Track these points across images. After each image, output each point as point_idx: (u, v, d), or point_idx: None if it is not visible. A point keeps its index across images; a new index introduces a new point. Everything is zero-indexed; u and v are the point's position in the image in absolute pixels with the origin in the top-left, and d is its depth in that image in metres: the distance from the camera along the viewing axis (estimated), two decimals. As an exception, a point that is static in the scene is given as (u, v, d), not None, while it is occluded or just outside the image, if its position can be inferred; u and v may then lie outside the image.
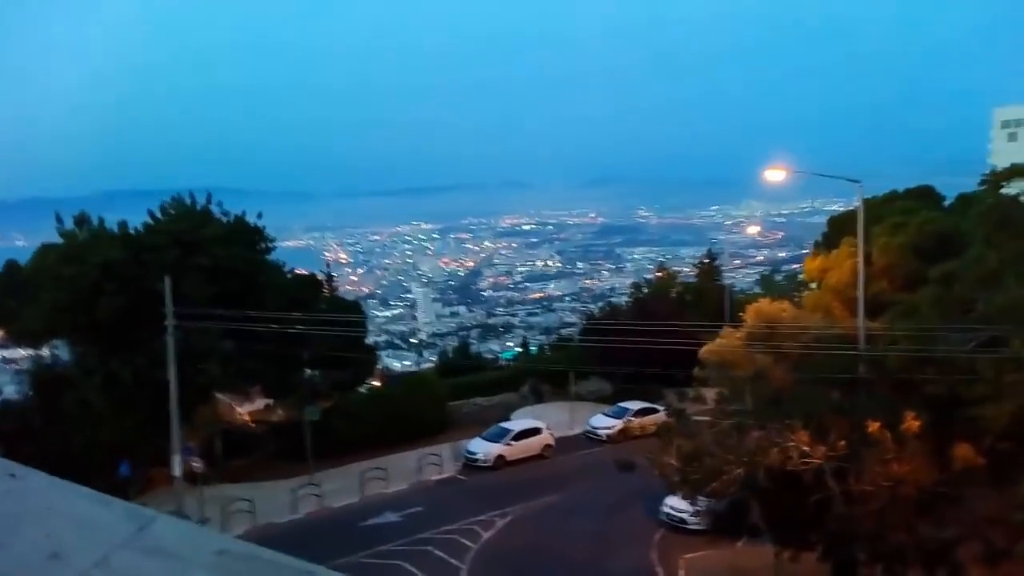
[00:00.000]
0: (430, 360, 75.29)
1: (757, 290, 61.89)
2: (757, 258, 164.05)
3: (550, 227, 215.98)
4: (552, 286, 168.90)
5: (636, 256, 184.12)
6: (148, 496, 28.70)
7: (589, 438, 34.61)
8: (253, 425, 34.00)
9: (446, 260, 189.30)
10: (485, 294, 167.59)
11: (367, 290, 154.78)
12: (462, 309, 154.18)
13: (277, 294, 30.90)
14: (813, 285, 35.23)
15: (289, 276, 33.62)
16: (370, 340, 40.98)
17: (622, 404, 35.88)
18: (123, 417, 26.77)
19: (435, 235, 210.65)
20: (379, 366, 42.20)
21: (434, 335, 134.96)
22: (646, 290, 50.46)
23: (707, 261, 55.61)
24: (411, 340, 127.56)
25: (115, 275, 26.85)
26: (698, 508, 23.96)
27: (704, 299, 47.23)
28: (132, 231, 29.27)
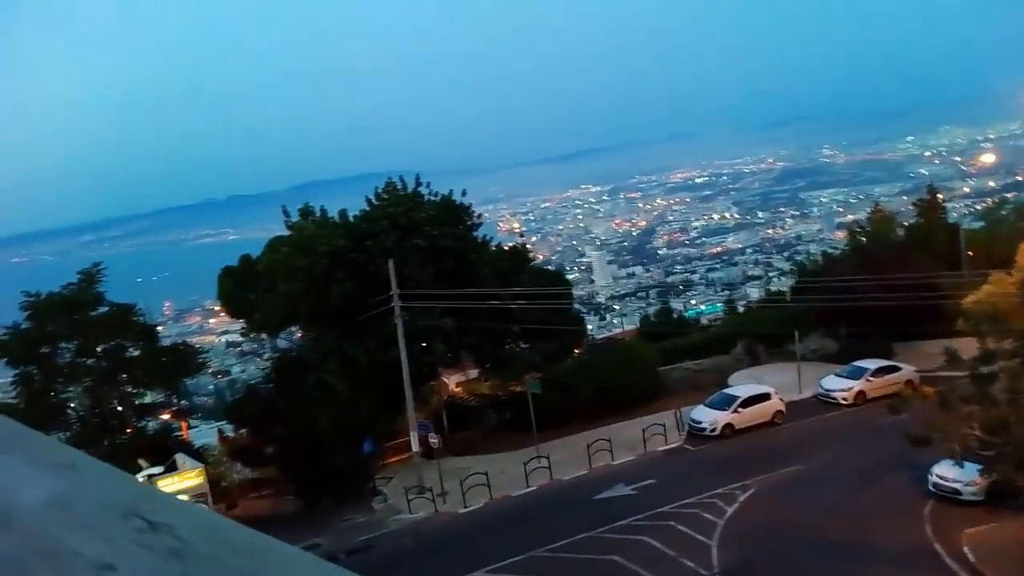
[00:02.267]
0: (626, 325, 74.05)
1: (977, 225, 54.59)
2: (963, 189, 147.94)
3: (724, 177, 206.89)
4: (731, 239, 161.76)
5: (823, 199, 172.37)
6: (389, 471, 30.10)
7: (823, 401, 32.11)
8: (473, 399, 34.63)
9: (618, 221, 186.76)
10: (660, 252, 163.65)
11: (542, 256, 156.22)
12: (638, 269, 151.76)
13: (487, 269, 31.06)
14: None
15: (495, 250, 33.67)
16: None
17: (857, 363, 32.93)
18: (360, 397, 27.96)
19: (605, 197, 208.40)
20: (590, 335, 41.74)
21: (612, 297, 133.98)
22: (862, 237, 46.11)
23: (929, 197, 49.76)
24: (595, 303, 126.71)
25: (343, 262, 27.96)
26: (973, 477, 21.47)
27: (931, 241, 42.50)
28: (351, 219, 30.38)
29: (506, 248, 35.24)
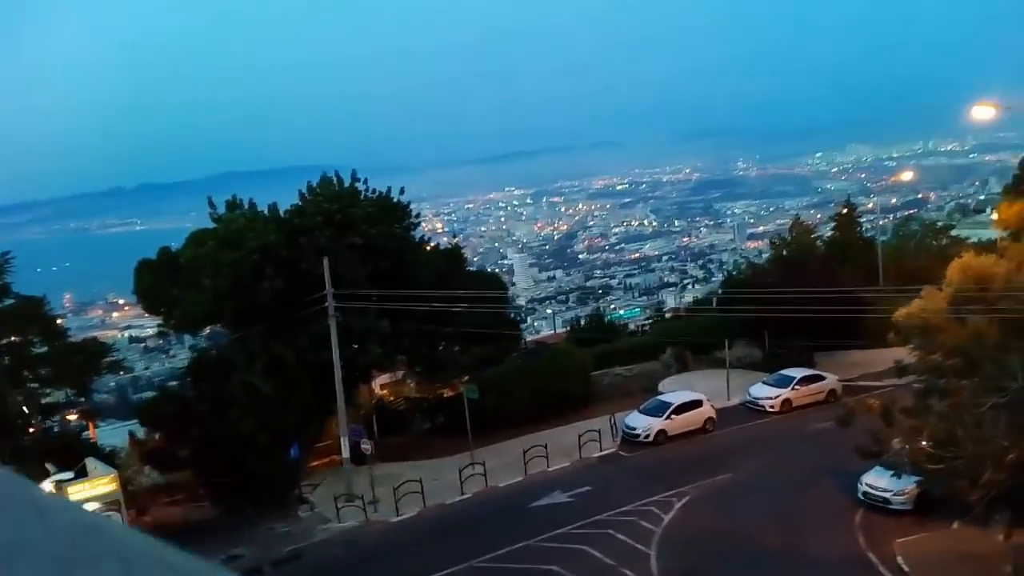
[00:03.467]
0: (549, 329, 74.24)
1: (883, 239, 57.07)
2: (868, 205, 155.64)
3: (644, 186, 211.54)
4: (649, 246, 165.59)
5: (736, 210, 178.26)
6: (316, 477, 28.87)
7: (750, 409, 32.70)
8: (403, 402, 33.73)
9: (540, 224, 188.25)
10: (581, 257, 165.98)
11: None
12: (559, 273, 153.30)
13: (424, 270, 30.27)
14: (1003, 233, 31.93)
15: (431, 250, 32.89)
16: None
17: (783, 372, 33.71)
18: (288, 399, 26.71)
19: (528, 200, 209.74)
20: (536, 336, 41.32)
21: (532, 300, 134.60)
22: (783, 249, 47.47)
23: (847, 211, 51.65)
24: (516, 306, 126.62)
25: (273, 259, 26.65)
26: (903, 487, 22.11)
27: (849, 254, 44.12)
28: (283, 213, 29.04)
29: (441, 249, 34.49)
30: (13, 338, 26.78)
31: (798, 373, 33.49)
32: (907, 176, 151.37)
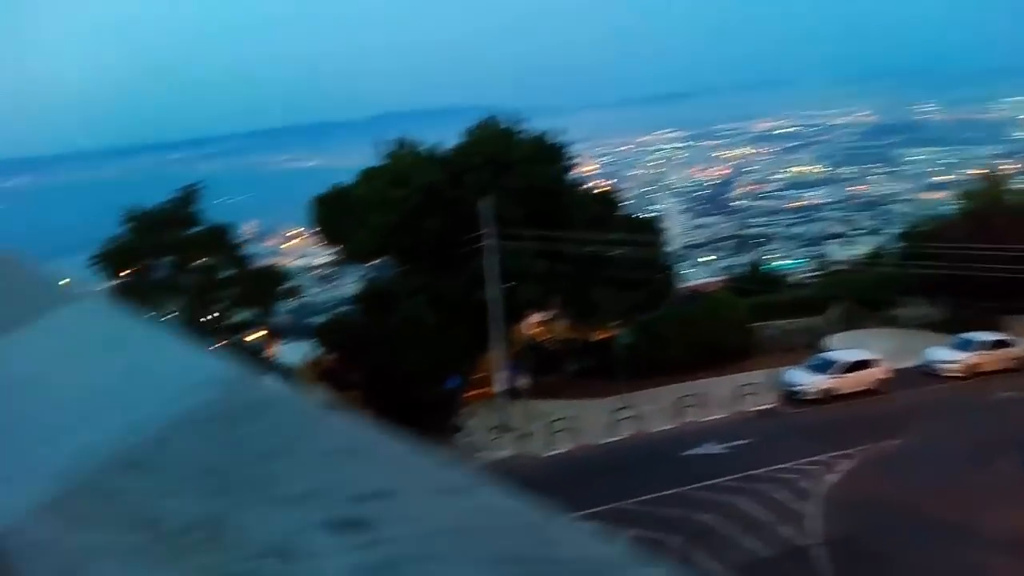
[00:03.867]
0: (702, 278, 72.32)
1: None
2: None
3: (812, 129, 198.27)
4: (813, 193, 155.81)
5: (919, 157, 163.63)
6: (471, 408, 30.00)
7: (927, 373, 30.42)
8: (556, 343, 34.13)
9: (695, 169, 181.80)
10: (738, 204, 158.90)
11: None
12: (713, 220, 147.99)
13: (579, 212, 30.08)
14: None
15: (587, 193, 32.60)
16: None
17: (968, 335, 30.99)
18: (448, 333, 27.68)
19: (683, 143, 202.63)
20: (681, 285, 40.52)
21: (684, 247, 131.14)
22: (971, 200, 43.01)
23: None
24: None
25: (437, 197, 27.38)
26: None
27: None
28: (445, 153, 29.68)
29: (596, 192, 34.08)
30: (202, 262, 29.26)
31: (984, 337, 30.72)
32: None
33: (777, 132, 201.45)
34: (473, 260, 27.26)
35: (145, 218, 27.80)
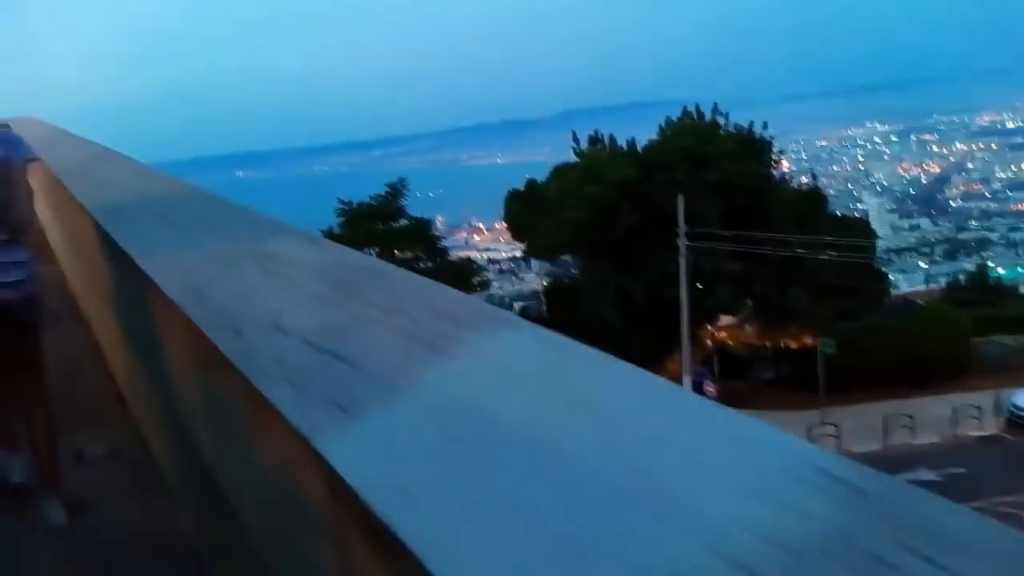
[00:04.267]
0: (910, 285, 66.71)
1: None
2: None
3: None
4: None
5: None
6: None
7: None
8: (745, 348, 32.71)
9: (905, 165, 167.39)
10: (953, 204, 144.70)
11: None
12: (924, 222, 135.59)
13: (781, 212, 28.52)
14: None
15: (790, 191, 30.86)
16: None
17: None
18: (633, 333, 27.33)
19: (893, 137, 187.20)
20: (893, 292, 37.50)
21: (890, 251, 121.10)
22: None
23: None
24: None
25: (630, 193, 27.08)
26: None
27: None
28: (640, 148, 29.27)
29: (801, 190, 32.18)
30: (408, 253, 30.93)
31: None
32: None
33: (1001, 126, 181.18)
34: (664, 259, 26.68)
35: (358, 211, 29.86)
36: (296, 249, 2.10)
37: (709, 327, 33.59)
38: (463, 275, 31.41)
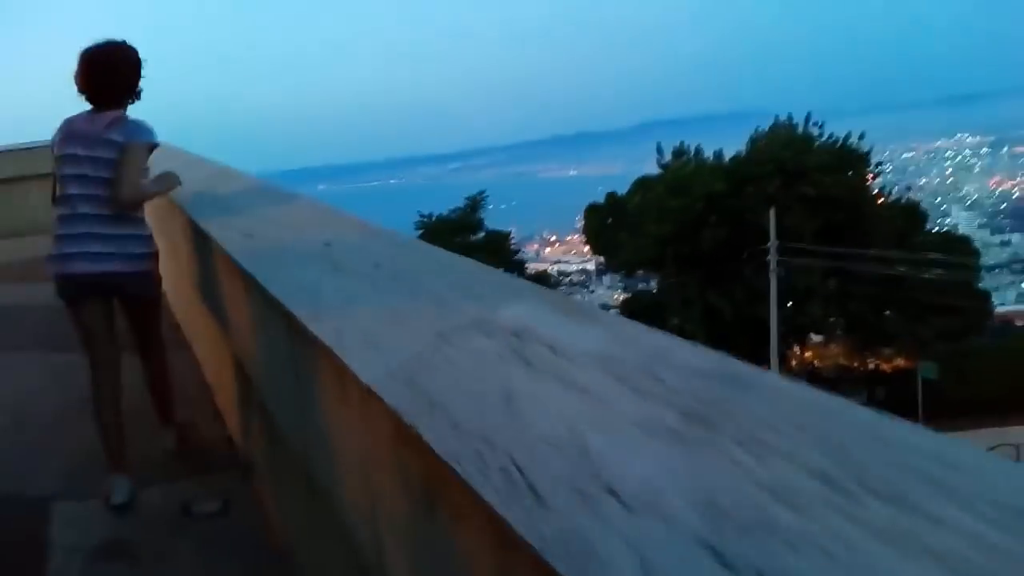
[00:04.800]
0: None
1: None
2: None
3: None
4: None
5: None
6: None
7: None
8: (835, 369, 31.25)
9: (997, 179, 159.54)
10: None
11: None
12: (1016, 237, 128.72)
13: (879, 227, 27.16)
14: None
15: (889, 206, 29.40)
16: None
17: None
18: (722, 350, 26.35)
19: (984, 149, 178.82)
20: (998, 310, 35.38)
21: (984, 268, 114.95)
22: None
23: None
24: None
25: (718, 207, 26.23)
26: None
27: None
28: (727, 161, 28.39)
29: (899, 205, 30.63)
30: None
31: None
32: None
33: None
34: (753, 275, 25.72)
35: (438, 224, 29.92)
36: (553, 322, 1.43)
37: (799, 347, 32.26)
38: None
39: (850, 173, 26.95)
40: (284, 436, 2.29)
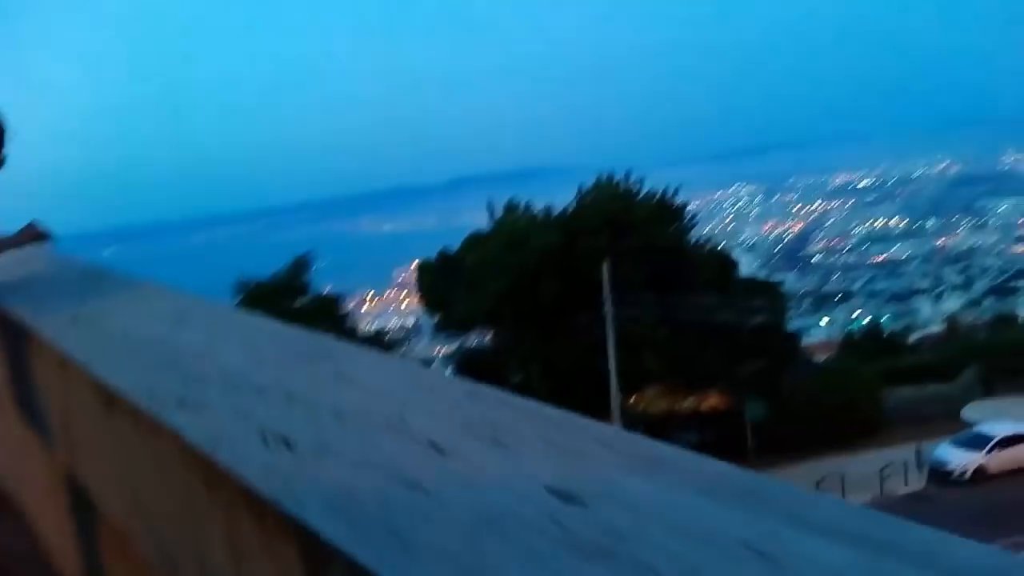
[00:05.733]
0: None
1: None
2: None
3: (892, 182, 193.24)
4: (897, 248, 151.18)
5: (1003, 209, 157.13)
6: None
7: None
8: (665, 414, 32.28)
9: (770, 224, 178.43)
10: (816, 259, 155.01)
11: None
12: (791, 276, 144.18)
13: (699, 275, 28.60)
14: None
15: (703, 254, 31.13)
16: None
17: None
18: (560, 405, 26.17)
19: (757, 198, 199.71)
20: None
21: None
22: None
23: None
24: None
25: (554, 261, 26.36)
26: None
27: None
28: (557, 215, 28.79)
29: (711, 252, 32.57)
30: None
31: None
32: None
33: (855, 185, 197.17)
34: (590, 327, 25.97)
35: (258, 290, 27.59)
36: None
37: (636, 394, 33.04)
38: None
39: (673, 226, 28.21)
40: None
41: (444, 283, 29.77)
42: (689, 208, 31.49)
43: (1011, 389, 34.11)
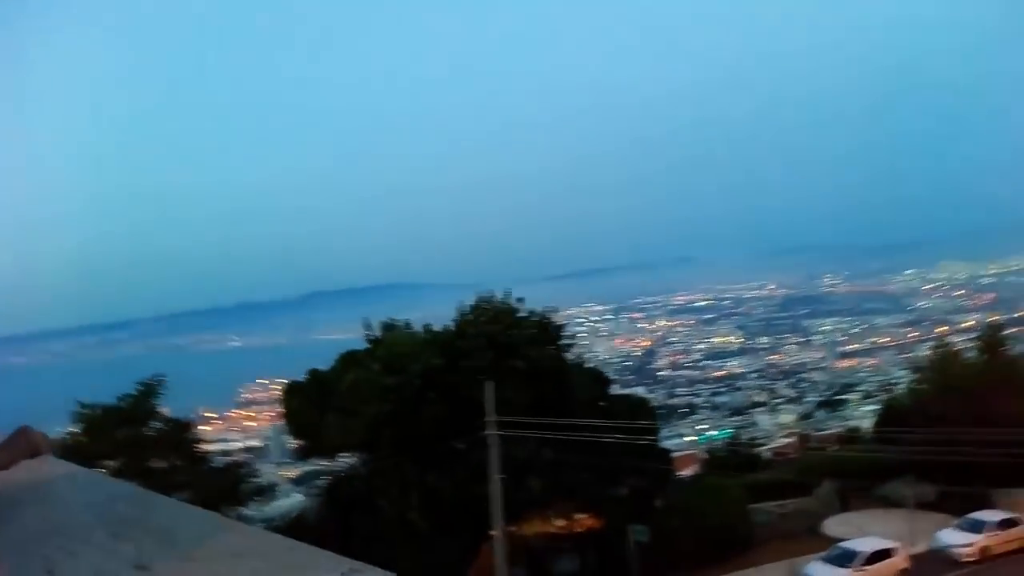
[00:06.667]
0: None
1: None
2: (966, 323, 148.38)
3: (726, 302, 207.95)
4: (734, 363, 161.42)
5: (826, 327, 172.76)
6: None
7: (942, 559, 28.83)
8: (548, 538, 31.19)
9: (620, 340, 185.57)
10: (663, 374, 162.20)
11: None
12: (640, 390, 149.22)
13: (578, 394, 28.52)
14: None
15: (581, 374, 31.20)
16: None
17: (976, 515, 29.94)
18: (440, 535, 24.70)
19: (608, 316, 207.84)
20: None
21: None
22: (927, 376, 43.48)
23: (991, 333, 47.40)
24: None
25: (436, 383, 25.39)
26: None
27: (1011, 380, 40.17)
28: (440, 333, 28.05)
29: (589, 370, 32.79)
30: (164, 463, 25.91)
31: (993, 517, 29.69)
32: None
33: (694, 305, 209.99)
34: (472, 451, 24.94)
35: (102, 417, 24.62)
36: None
37: (518, 521, 31.80)
38: (231, 484, 26.88)
39: (553, 346, 28.19)
40: None
41: (314, 405, 27.93)
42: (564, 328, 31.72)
43: (866, 502, 35.91)
